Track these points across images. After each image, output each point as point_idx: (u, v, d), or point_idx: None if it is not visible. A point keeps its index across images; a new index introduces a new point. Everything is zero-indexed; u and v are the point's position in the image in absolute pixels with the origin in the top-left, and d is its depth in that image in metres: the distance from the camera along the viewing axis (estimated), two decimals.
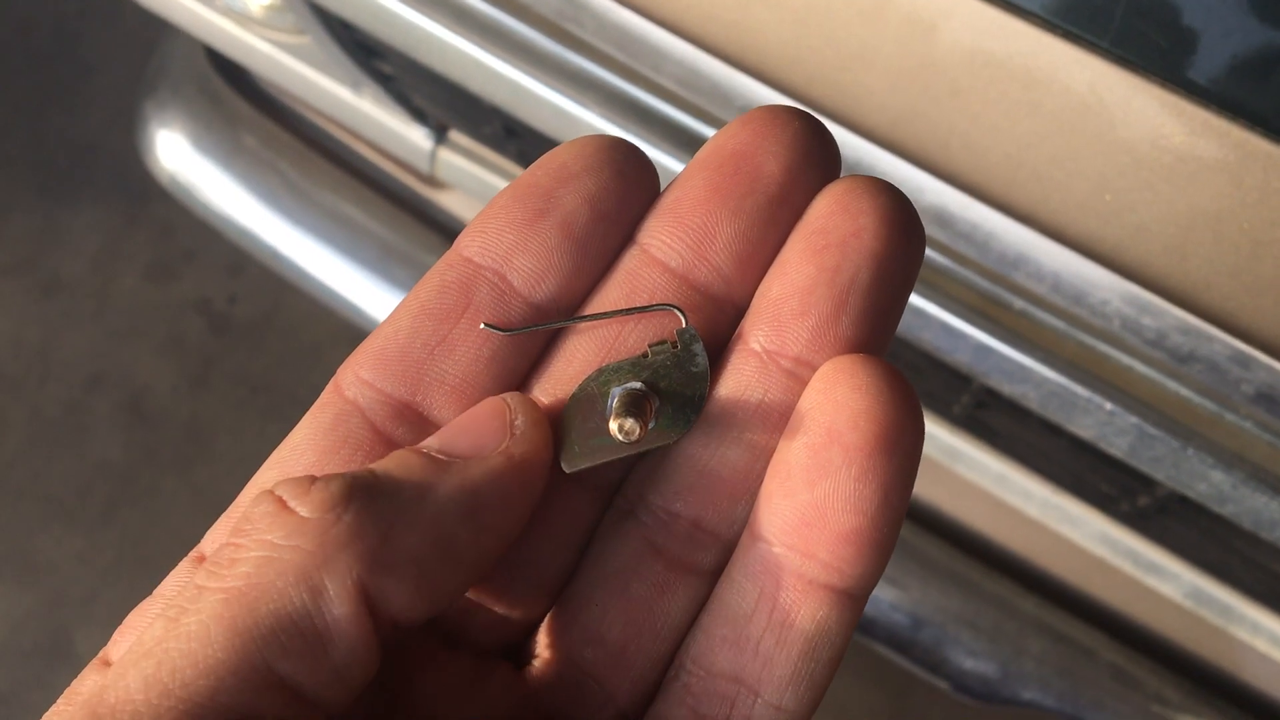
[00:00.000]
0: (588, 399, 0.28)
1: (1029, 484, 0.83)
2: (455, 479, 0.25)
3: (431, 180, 1.06)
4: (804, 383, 0.27)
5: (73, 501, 1.60)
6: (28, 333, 1.70)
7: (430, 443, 0.27)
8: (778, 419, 0.27)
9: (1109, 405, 0.57)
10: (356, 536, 0.23)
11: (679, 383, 0.28)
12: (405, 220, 1.06)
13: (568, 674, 0.29)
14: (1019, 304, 0.56)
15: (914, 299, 0.59)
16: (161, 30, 1.15)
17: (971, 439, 0.83)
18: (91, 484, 1.61)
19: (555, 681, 0.29)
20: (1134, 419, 0.57)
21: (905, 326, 0.60)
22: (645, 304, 0.28)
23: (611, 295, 0.29)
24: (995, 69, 0.47)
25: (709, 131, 0.59)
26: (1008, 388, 0.59)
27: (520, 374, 0.29)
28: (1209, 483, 0.57)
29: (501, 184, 0.94)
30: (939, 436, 0.85)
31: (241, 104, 1.11)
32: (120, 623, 0.28)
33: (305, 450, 0.28)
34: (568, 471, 0.28)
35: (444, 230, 1.08)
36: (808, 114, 0.28)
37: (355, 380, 0.28)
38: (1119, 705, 0.90)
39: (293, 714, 0.23)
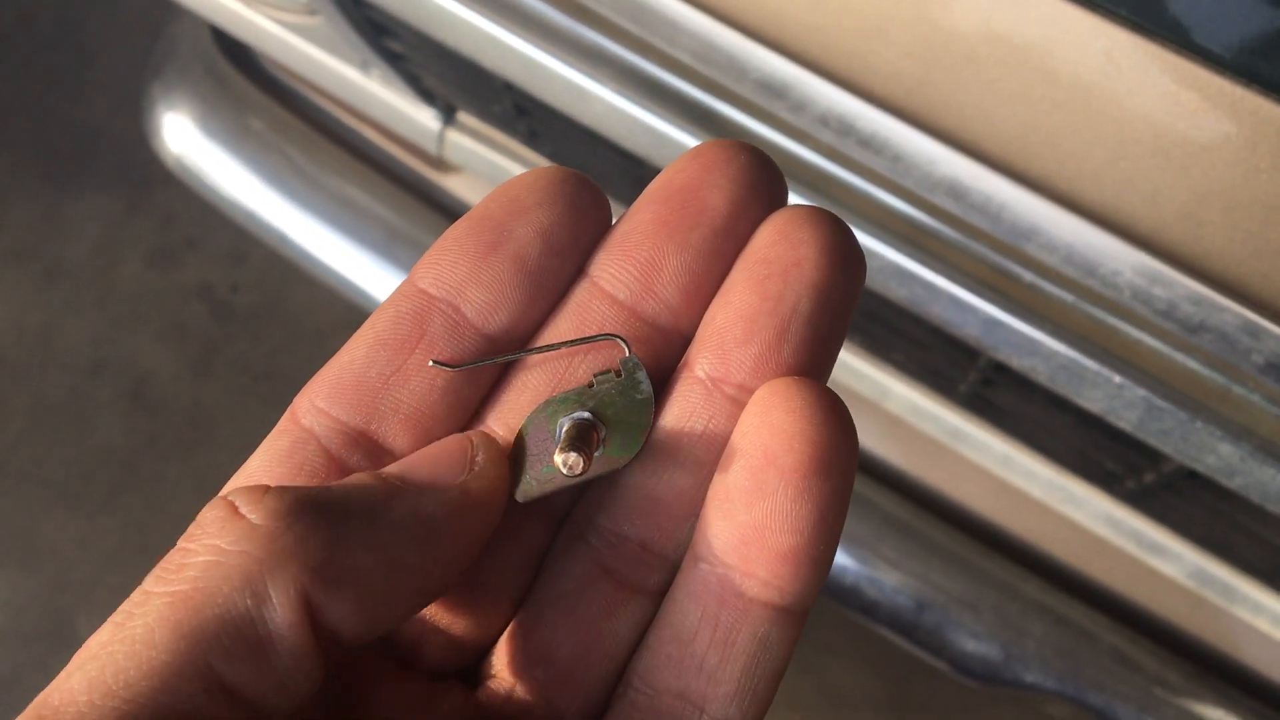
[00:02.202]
0: (537, 430, 0.29)
1: (1033, 465, 0.83)
2: (408, 505, 0.26)
3: (439, 163, 1.06)
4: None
5: (75, 487, 1.60)
6: (30, 319, 1.70)
7: (392, 469, 0.27)
8: (722, 444, 0.28)
9: (1118, 378, 0.57)
10: (303, 547, 0.24)
11: (624, 410, 0.29)
12: (412, 204, 1.07)
13: (519, 694, 0.29)
14: (1029, 277, 0.57)
15: (924, 272, 0.59)
16: (165, 14, 1.16)
17: (976, 419, 0.83)
18: (94, 470, 1.61)
19: (507, 701, 0.29)
20: (1143, 391, 0.57)
21: (914, 300, 0.60)
22: (591, 335, 0.29)
23: (562, 327, 0.30)
24: (1011, 37, 0.47)
25: (723, 108, 0.59)
26: (1017, 361, 0.60)
27: (473, 404, 0.29)
28: (1218, 455, 0.57)
29: (509, 166, 0.94)
30: (944, 417, 0.85)
31: (248, 87, 1.11)
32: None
33: (261, 476, 0.28)
34: (520, 501, 0.29)
35: (450, 214, 1.08)
36: (754, 148, 0.29)
37: (311, 409, 0.28)
38: (1120, 687, 0.91)
39: (234, 718, 0.23)
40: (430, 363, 0.29)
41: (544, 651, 0.29)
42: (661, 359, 0.30)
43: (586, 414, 0.29)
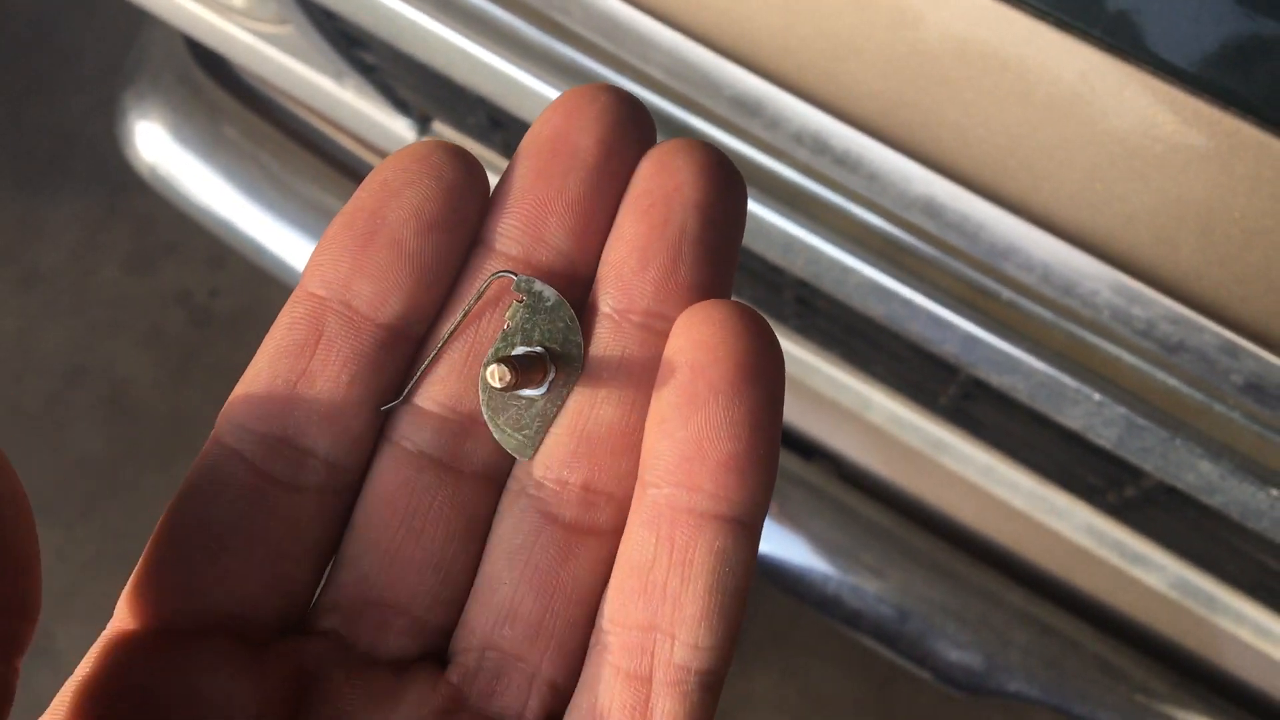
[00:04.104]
0: (489, 392, 0.29)
1: (1015, 476, 0.83)
2: None
3: None
4: (658, 333, 0.29)
5: (52, 496, 1.59)
6: (6, 325, 1.68)
7: None
8: (641, 371, 0.29)
9: (1097, 396, 0.57)
10: None
11: (546, 325, 0.29)
12: None
13: (490, 660, 0.29)
14: (1007, 294, 0.56)
15: (902, 289, 0.58)
16: (140, 20, 1.14)
17: (958, 431, 0.83)
18: (71, 478, 1.60)
19: (479, 669, 0.29)
20: (1122, 409, 0.57)
21: (893, 317, 0.60)
22: (482, 293, 0.30)
23: (465, 297, 0.30)
24: (986, 58, 0.46)
25: (696, 122, 0.59)
26: (996, 378, 0.59)
27: (385, 390, 0.29)
28: (1197, 473, 0.57)
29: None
30: (925, 428, 0.85)
31: (222, 95, 1.10)
32: (102, 619, 0.28)
33: (190, 498, 0.28)
34: (532, 458, 0.30)
35: None
36: (614, 88, 0.30)
37: (230, 427, 0.29)
38: (1104, 696, 0.90)
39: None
40: (380, 409, 0.29)
41: (507, 611, 0.29)
42: (570, 302, 0.30)
43: (521, 350, 0.29)
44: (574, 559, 0.29)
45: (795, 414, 0.97)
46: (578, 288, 0.30)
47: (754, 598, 1.49)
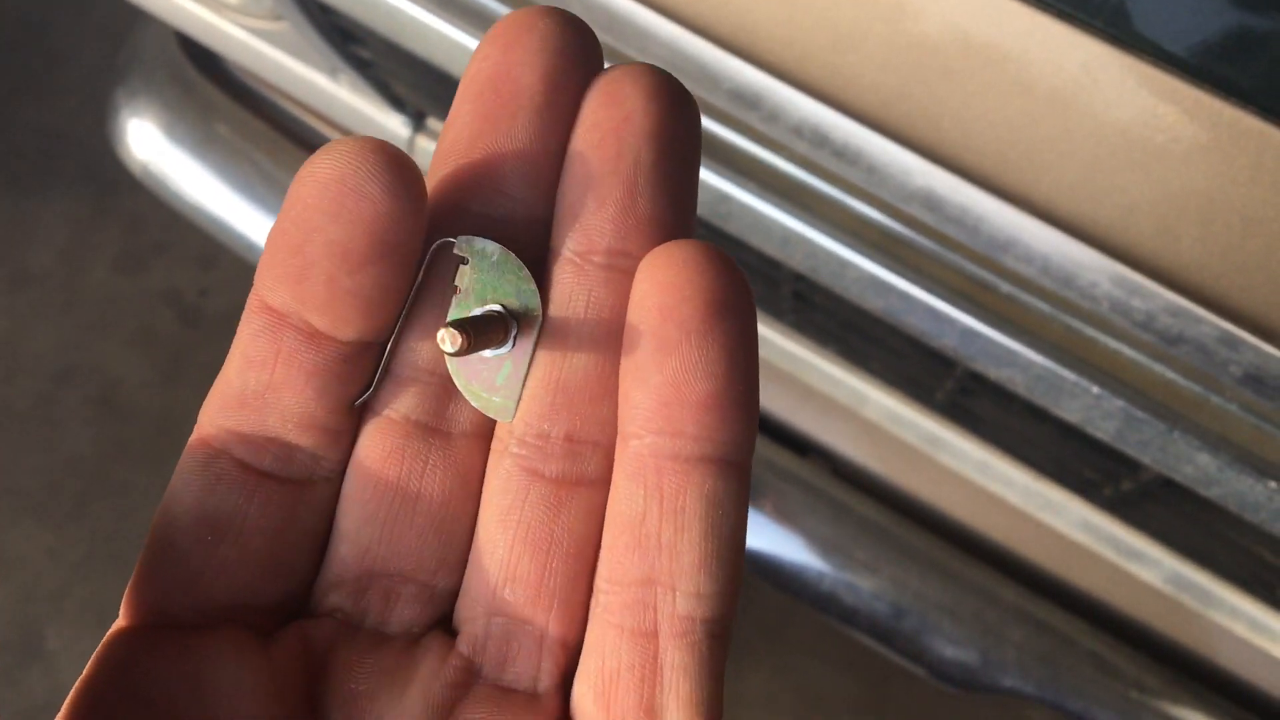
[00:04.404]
0: (450, 359, 0.29)
1: (1011, 471, 0.83)
2: None
3: None
4: (623, 271, 0.28)
5: (43, 496, 1.58)
6: None
7: None
8: (610, 312, 0.28)
9: (1096, 389, 0.57)
10: None
11: (495, 281, 0.28)
12: None
13: (498, 624, 0.29)
14: (1006, 287, 0.56)
15: (901, 283, 0.58)
16: (132, 18, 1.14)
17: (954, 426, 0.83)
18: (62, 478, 1.59)
19: (488, 636, 0.29)
20: (1121, 402, 0.57)
21: (891, 310, 0.60)
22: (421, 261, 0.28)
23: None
24: (988, 49, 0.47)
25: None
26: (995, 372, 0.59)
27: (351, 392, 0.29)
28: (1195, 465, 0.57)
29: None
30: (921, 424, 0.85)
31: (215, 92, 1.10)
32: (93, 619, 0.28)
33: (180, 495, 0.28)
34: (514, 420, 0.29)
35: None
36: (553, 10, 0.28)
37: (214, 428, 0.28)
38: (1099, 692, 0.91)
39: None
40: (355, 404, 0.28)
41: (506, 573, 0.29)
42: (532, 250, 0.29)
43: (478, 311, 0.28)
44: (566, 512, 0.28)
45: (791, 410, 0.97)
46: (543, 233, 0.29)
47: (746, 596, 1.49)
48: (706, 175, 0.60)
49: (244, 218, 1.07)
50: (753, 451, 0.27)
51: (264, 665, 0.28)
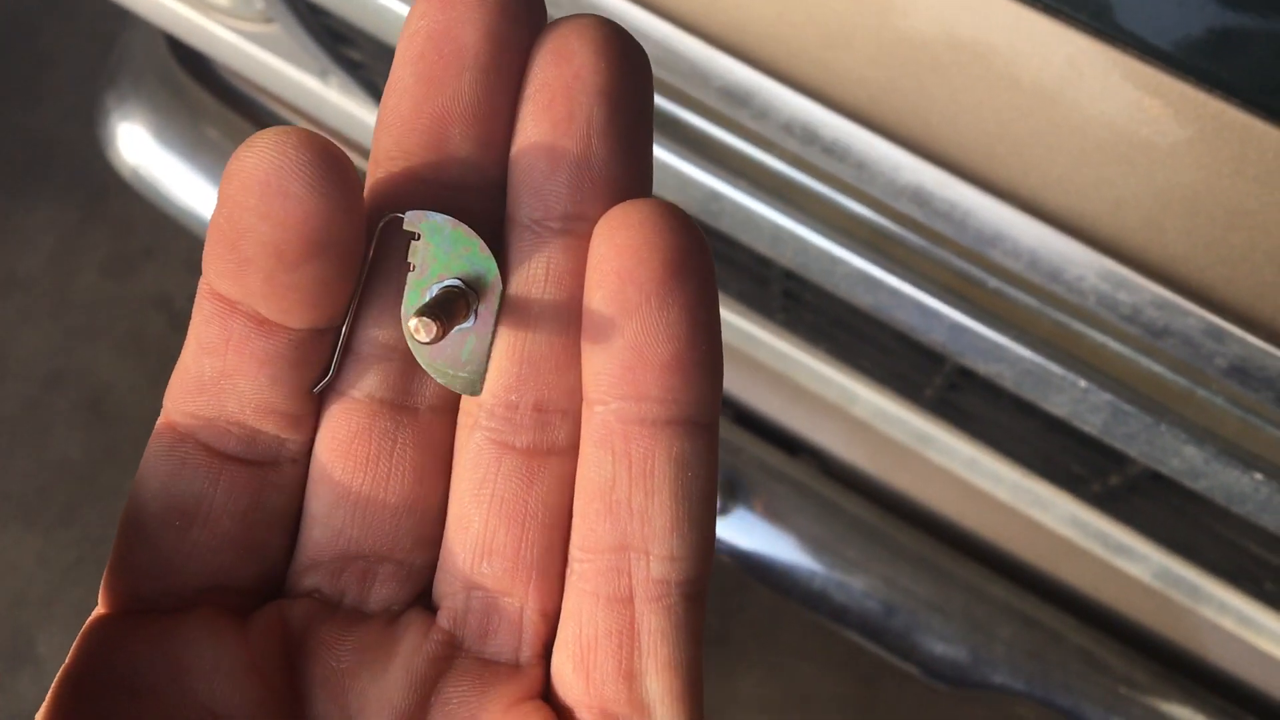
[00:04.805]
0: (416, 342, 0.28)
1: (999, 468, 0.83)
2: None
3: None
4: (580, 236, 0.27)
5: (32, 501, 1.58)
6: None
7: None
8: (571, 279, 0.28)
9: (1083, 382, 0.58)
10: None
11: (450, 254, 0.27)
12: None
13: (477, 598, 0.29)
14: (994, 282, 0.57)
15: (889, 279, 0.59)
16: (121, 22, 1.14)
17: (943, 423, 0.83)
18: (51, 483, 1.59)
19: (468, 610, 0.29)
20: (1108, 396, 0.57)
21: (880, 306, 0.60)
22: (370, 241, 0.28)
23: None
24: (975, 44, 0.47)
25: (687, 116, 0.59)
26: (983, 367, 0.60)
27: (307, 377, 0.28)
28: (1182, 458, 0.57)
29: None
30: (910, 422, 0.85)
31: (204, 96, 1.10)
32: (83, 624, 0.28)
33: (147, 480, 0.28)
34: (483, 394, 0.28)
35: None
36: None
37: (178, 413, 0.28)
38: (1088, 688, 0.91)
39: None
40: (314, 390, 0.28)
41: (482, 547, 0.28)
42: (488, 216, 0.28)
43: (436, 289, 0.27)
44: (539, 483, 0.28)
45: (780, 410, 0.98)
46: (497, 198, 0.28)
47: (737, 598, 1.49)
48: (697, 173, 0.60)
49: None
50: (719, 410, 0.27)
51: (242, 645, 0.28)
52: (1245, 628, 0.81)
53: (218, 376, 0.27)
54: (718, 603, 1.48)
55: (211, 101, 1.10)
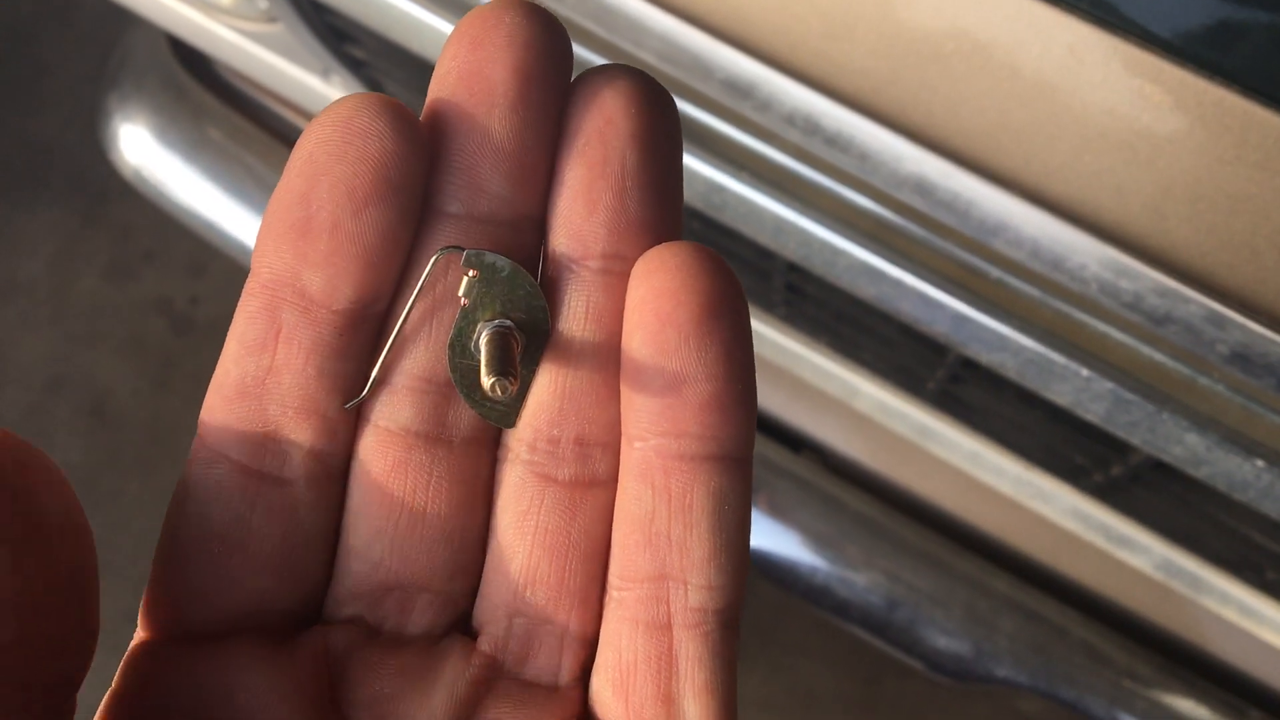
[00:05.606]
0: (460, 371, 0.29)
1: (1001, 461, 0.84)
2: None
3: None
4: (618, 274, 0.28)
5: None
6: None
7: None
8: (609, 318, 0.28)
9: (1085, 371, 0.58)
10: None
11: (505, 295, 0.28)
12: None
13: (519, 625, 0.30)
14: (996, 272, 0.57)
15: (892, 270, 0.59)
16: (121, 25, 1.14)
17: (945, 417, 0.83)
18: None
19: (509, 636, 0.30)
20: (1110, 384, 0.58)
21: (883, 297, 0.60)
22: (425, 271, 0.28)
23: (422, 264, 0.29)
24: (976, 34, 0.47)
25: (688, 108, 0.59)
26: (985, 357, 0.60)
27: (353, 374, 0.29)
28: (1184, 445, 0.58)
29: None
30: (912, 415, 0.86)
31: (206, 96, 1.11)
32: None
33: (185, 507, 0.28)
34: (515, 425, 0.29)
35: None
36: (517, 3, 0.28)
37: (211, 430, 0.28)
38: (1091, 681, 0.91)
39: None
40: (345, 406, 0.28)
41: (526, 579, 0.29)
42: (520, 250, 0.29)
43: (490, 326, 0.28)
44: (581, 514, 0.29)
45: (783, 406, 0.98)
46: (527, 231, 0.29)
47: None
48: (700, 166, 0.61)
49: (236, 221, 1.08)
50: (753, 444, 0.28)
51: (289, 670, 0.28)
52: (1247, 618, 0.81)
53: (262, 375, 0.28)
54: None
55: (213, 102, 1.10)
